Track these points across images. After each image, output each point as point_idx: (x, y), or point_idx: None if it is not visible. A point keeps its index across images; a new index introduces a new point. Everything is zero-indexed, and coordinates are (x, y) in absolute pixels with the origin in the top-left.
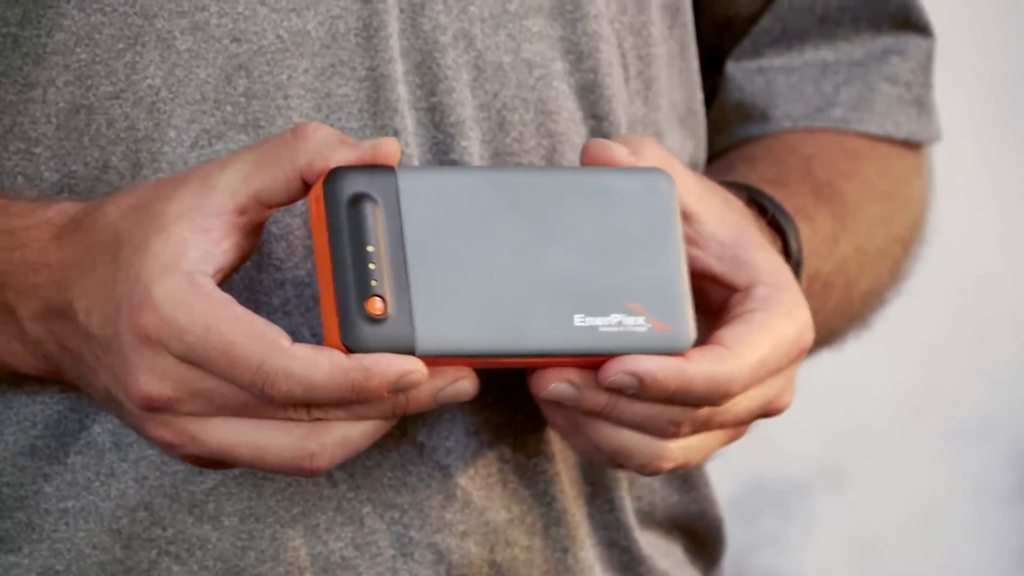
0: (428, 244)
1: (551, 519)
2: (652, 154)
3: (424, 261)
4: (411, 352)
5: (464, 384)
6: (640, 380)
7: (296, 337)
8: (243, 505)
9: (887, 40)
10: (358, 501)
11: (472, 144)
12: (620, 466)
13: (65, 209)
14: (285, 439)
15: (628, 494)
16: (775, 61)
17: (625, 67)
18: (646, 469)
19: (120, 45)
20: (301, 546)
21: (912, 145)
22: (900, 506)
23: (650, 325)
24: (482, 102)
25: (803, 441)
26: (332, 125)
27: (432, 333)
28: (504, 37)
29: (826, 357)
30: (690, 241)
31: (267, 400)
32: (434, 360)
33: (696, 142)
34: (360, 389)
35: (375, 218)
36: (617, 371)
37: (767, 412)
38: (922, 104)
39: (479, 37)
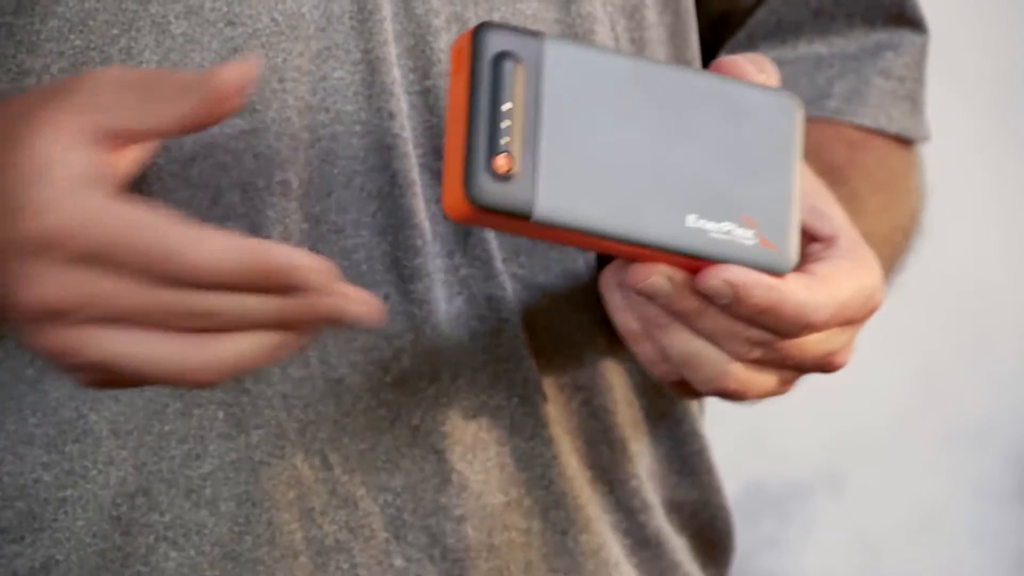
0: (563, 115)
1: (549, 502)
2: (774, 75)
3: (557, 131)
4: (527, 215)
5: (356, 307)
6: (735, 291)
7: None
8: (240, 490)
9: (881, 35)
10: (352, 484)
11: None
12: (680, 382)
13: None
14: (169, 349)
15: (633, 479)
16: (769, 55)
17: (620, 50)
18: (709, 384)
19: (115, 31)
20: (296, 530)
21: (904, 142)
22: (900, 508)
23: (758, 240)
24: None
25: (803, 443)
26: (327, 108)
27: (551, 202)
28: (498, 19)
29: None
30: None
31: (163, 284)
32: (545, 230)
33: None
34: (252, 269)
35: (517, 78)
36: (716, 277)
37: (826, 364)
38: (915, 100)
39: (472, 20)
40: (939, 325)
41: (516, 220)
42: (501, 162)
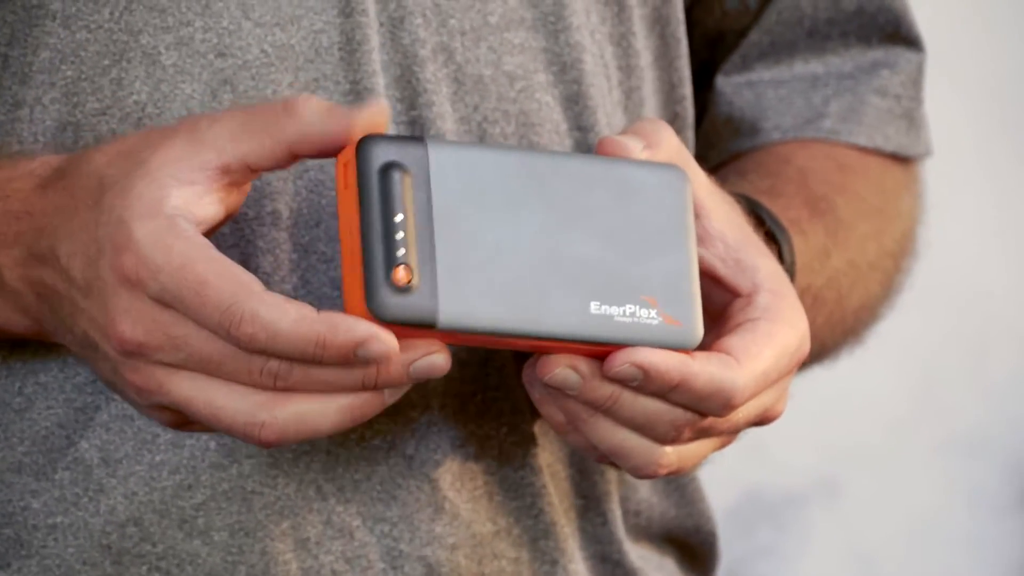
0: (455, 219)
1: (538, 531)
2: (668, 143)
3: (450, 235)
4: (433, 325)
5: (438, 358)
6: (645, 372)
7: None
8: (233, 520)
9: (877, 53)
10: (348, 515)
11: None
12: (615, 466)
13: (49, 161)
14: (241, 403)
15: (620, 507)
16: (764, 75)
17: (608, 77)
18: (641, 472)
19: (106, 61)
20: (291, 560)
21: (901, 160)
22: (896, 517)
23: (661, 319)
24: (462, 115)
25: (799, 452)
26: None
27: (455, 308)
28: (485, 50)
29: (822, 368)
30: (698, 238)
31: (233, 344)
32: (453, 336)
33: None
34: (323, 343)
35: (404, 188)
36: (623, 362)
37: (762, 420)
38: (912, 118)
39: (459, 50)
40: (936, 335)
41: (422, 330)
42: (400, 275)
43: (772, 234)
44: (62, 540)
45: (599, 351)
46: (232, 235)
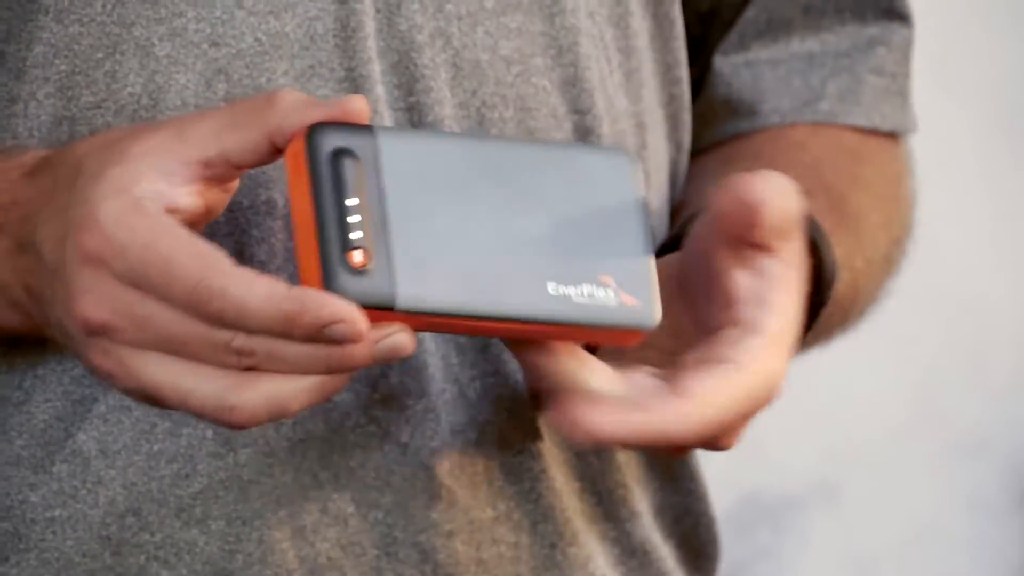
0: (408, 203)
1: (538, 516)
2: (770, 326)
3: (404, 219)
4: (391, 306)
5: (402, 337)
6: (587, 433)
7: None
8: (230, 508)
9: (872, 30)
10: (343, 502)
11: None
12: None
13: (39, 152)
14: (210, 386)
15: (620, 488)
16: (761, 54)
17: (607, 59)
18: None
19: (99, 55)
20: (288, 548)
21: (895, 137)
22: (895, 520)
23: (619, 299)
24: (461, 100)
25: (798, 455)
26: None
27: (412, 290)
28: (482, 34)
29: (821, 370)
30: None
31: (202, 321)
32: (411, 317)
33: (676, 125)
34: (292, 320)
35: (356, 173)
36: (564, 421)
37: (701, 448)
38: (904, 95)
39: (456, 35)
40: (935, 338)
41: (381, 312)
42: (356, 257)
43: (814, 242)
44: (60, 533)
45: (558, 332)
46: (227, 224)
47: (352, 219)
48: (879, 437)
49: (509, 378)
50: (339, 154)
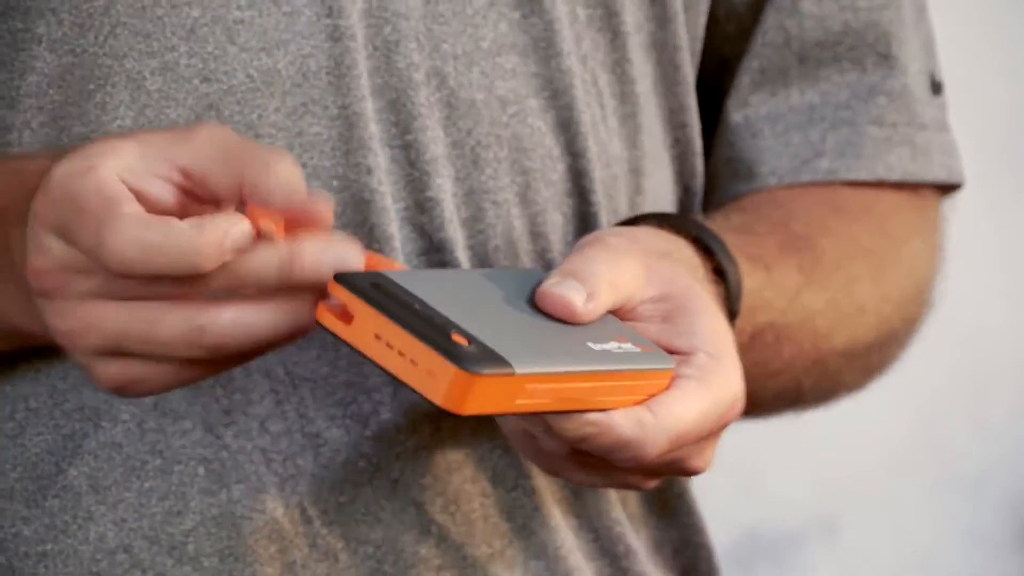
0: (448, 306)
1: (531, 552)
2: (599, 275)
3: (455, 314)
4: (512, 371)
5: (344, 247)
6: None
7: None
8: (222, 545)
9: (873, 78)
10: (332, 537)
11: (446, 182)
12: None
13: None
14: (176, 315)
15: (617, 525)
16: (761, 109)
17: (601, 104)
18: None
19: (91, 86)
20: None
21: (915, 189)
22: (894, 555)
23: (639, 349)
24: (455, 139)
25: (798, 490)
26: (305, 164)
27: (518, 358)
28: (477, 74)
29: (822, 407)
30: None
31: (104, 270)
32: (527, 382)
33: (683, 168)
34: (194, 246)
35: (398, 290)
36: (575, 428)
37: (674, 473)
38: (913, 143)
39: (452, 75)
40: (935, 372)
41: (505, 380)
42: (460, 338)
43: (721, 268)
44: (52, 568)
45: (614, 381)
46: None
47: (429, 313)
48: (878, 472)
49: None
50: (376, 284)
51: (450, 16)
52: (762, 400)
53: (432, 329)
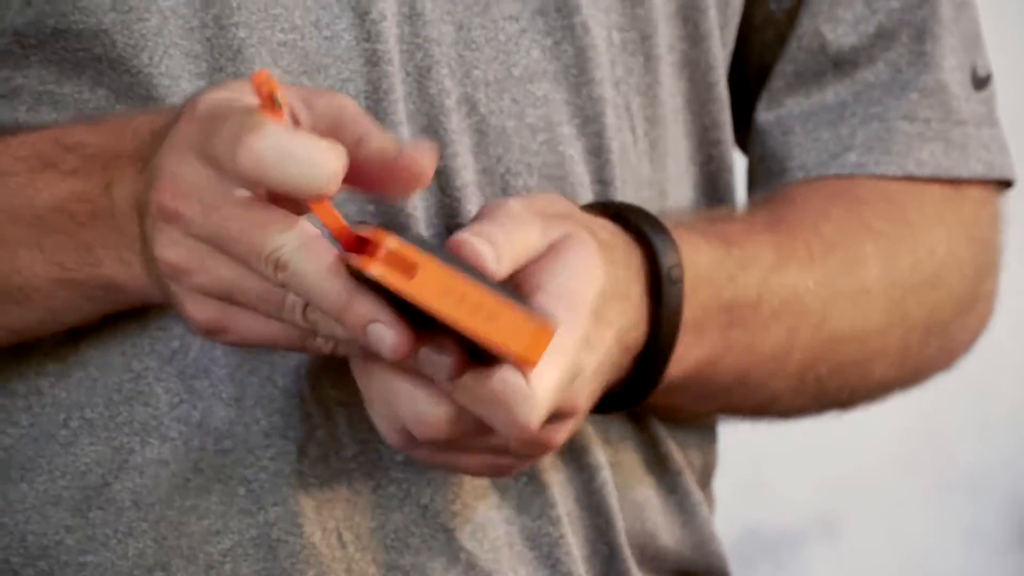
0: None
1: None
2: (507, 261)
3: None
4: (553, 327)
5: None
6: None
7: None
8: (259, 567)
9: (906, 75)
10: (364, 562)
11: (475, 208)
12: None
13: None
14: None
15: (638, 553)
16: (794, 108)
17: (632, 129)
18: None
19: (152, 105)
20: None
21: (956, 184)
22: (894, 556)
23: None
24: (485, 166)
25: (798, 490)
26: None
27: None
28: (508, 102)
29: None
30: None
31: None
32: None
33: (715, 185)
34: (330, 166)
35: (444, 253)
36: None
37: (536, 448)
38: (948, 139)
39: (483, 101)
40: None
41: (551, 334)
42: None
43: (643, 235)
44: None
45: None
46: None
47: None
48: (879, 472)
49: None
50: (423, 242)
51: (482, 43)
52: (770, 391)
53: (502, 286)
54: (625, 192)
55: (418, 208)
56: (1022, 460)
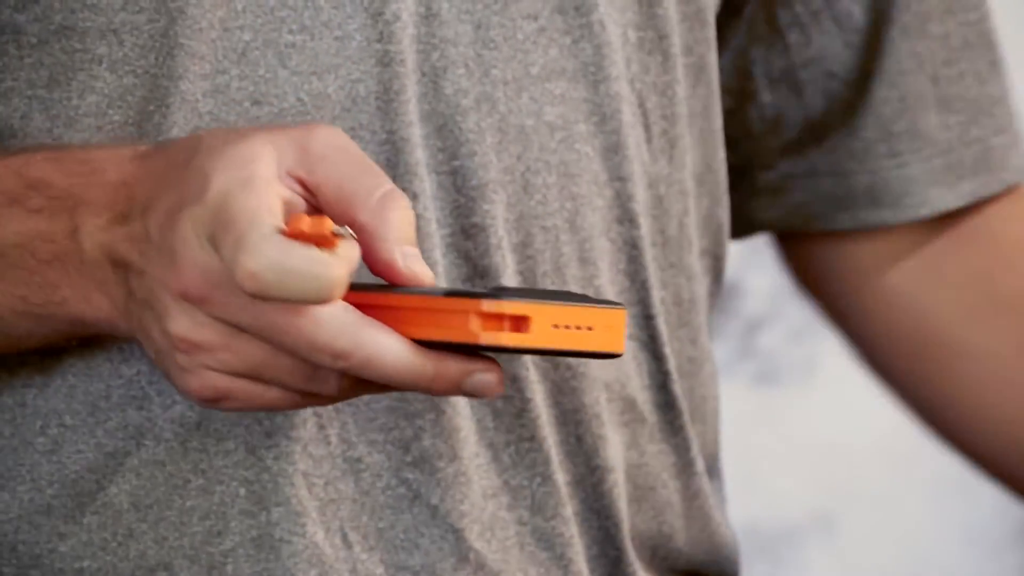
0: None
1: None
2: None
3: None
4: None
5: (491, 377)
6: None
7: None
8: (261, 567)
9: (990, 89)
10: (371, 563)
11: (495, 207)
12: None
13: (147, 144)
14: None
15: (650, 553)
16: (903, 137)
17: (647, 127)
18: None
19: (150, 107)
20: None
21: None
22: (892, 552)
23: None
24: (507, 165)
25: (796, 487)
26: None
27: None
28: (527, 100)
29: (818, 403)
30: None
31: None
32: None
33: (713, 199)
34: (329, 277)
35: (518, 287)
36: None
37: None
38: (1019, 143)
39: (502, 100)
40: None
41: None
42: None
43: None
44: None
45: None
46: None
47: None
48: (877, 469)
49: (544, 443)
50: (504, 288)
51: (500, 41)
52: None
53: (576, 295)
54: (641, 189)
55: (429, 208)
56: None
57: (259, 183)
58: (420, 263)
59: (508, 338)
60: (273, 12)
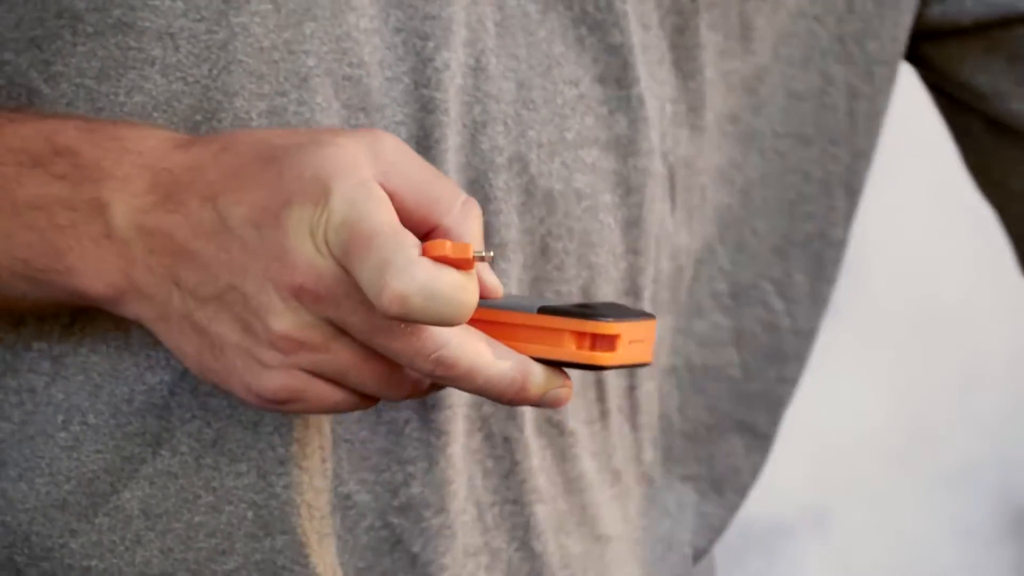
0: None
1: None
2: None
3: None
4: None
5: (565, 392)
6: None
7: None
8: None
9: None
10: None
11: (512, 267)
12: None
13: (177, 133)
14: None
15: None
16: None
17: (673, 199)
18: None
19: (198, 117)
20: None
21: None
22: (886, 547)
23: None
24: (528, 226)
25: (790, 482)
26: None
27: None
28: (558, 165)
29: (812, 398)
30: None
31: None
32: None
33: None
34: (469, 301)
35: (595, 303)
36: None
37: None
38: None
39: (534, 162)
40: (927, 365)
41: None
42: None
43: None
44: None
45: None
46: None
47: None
48: (870, 464)
49: (525, 508)
50: (588, 305)
51: (540, 104)
52: None
53: (620, 306)
54: (652, 265)
55: None
56: (1012, 452)
57: (380, 193)
58: (492, 274)
59: (601, 357)
60: (338, 42)
